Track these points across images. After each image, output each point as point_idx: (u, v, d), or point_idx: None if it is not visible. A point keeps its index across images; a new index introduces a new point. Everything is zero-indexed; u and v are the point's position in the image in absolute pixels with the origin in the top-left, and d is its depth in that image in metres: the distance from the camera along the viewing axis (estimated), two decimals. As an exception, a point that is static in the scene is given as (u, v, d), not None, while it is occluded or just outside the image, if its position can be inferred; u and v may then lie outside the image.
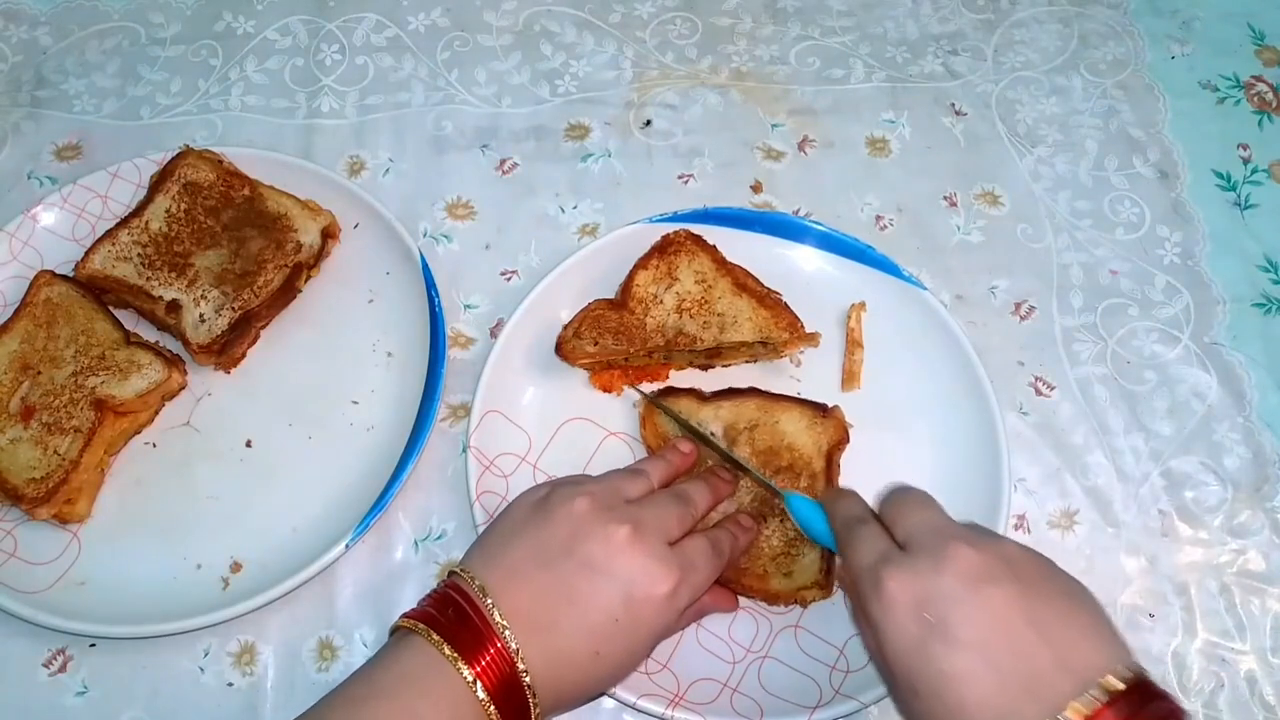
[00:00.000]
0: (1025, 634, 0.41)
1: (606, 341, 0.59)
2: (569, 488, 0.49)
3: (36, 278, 0.62)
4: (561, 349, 0.60)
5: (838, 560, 0.52)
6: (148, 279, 0.62)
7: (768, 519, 0.56)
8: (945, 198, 0.71)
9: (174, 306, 0.61)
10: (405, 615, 0.46)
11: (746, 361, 0.63)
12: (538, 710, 0.45)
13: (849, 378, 0.62)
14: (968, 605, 0.41)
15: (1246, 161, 0.74)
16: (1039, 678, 0.40)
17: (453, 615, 0.45)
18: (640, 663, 0.49)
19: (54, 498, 0.56)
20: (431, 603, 0.47)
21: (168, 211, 0.64)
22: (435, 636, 0.44)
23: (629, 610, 0.46)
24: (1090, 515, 0.60)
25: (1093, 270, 0.68)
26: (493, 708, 0.43)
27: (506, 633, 0.44)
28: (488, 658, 0.44)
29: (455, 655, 0.43)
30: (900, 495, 0.49)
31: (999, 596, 0.42)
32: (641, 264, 0.63)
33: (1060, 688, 0.39)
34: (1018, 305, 0.67)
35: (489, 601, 0.45)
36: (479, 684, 0.43)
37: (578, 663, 0.46)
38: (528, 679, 0.44)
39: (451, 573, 0.48)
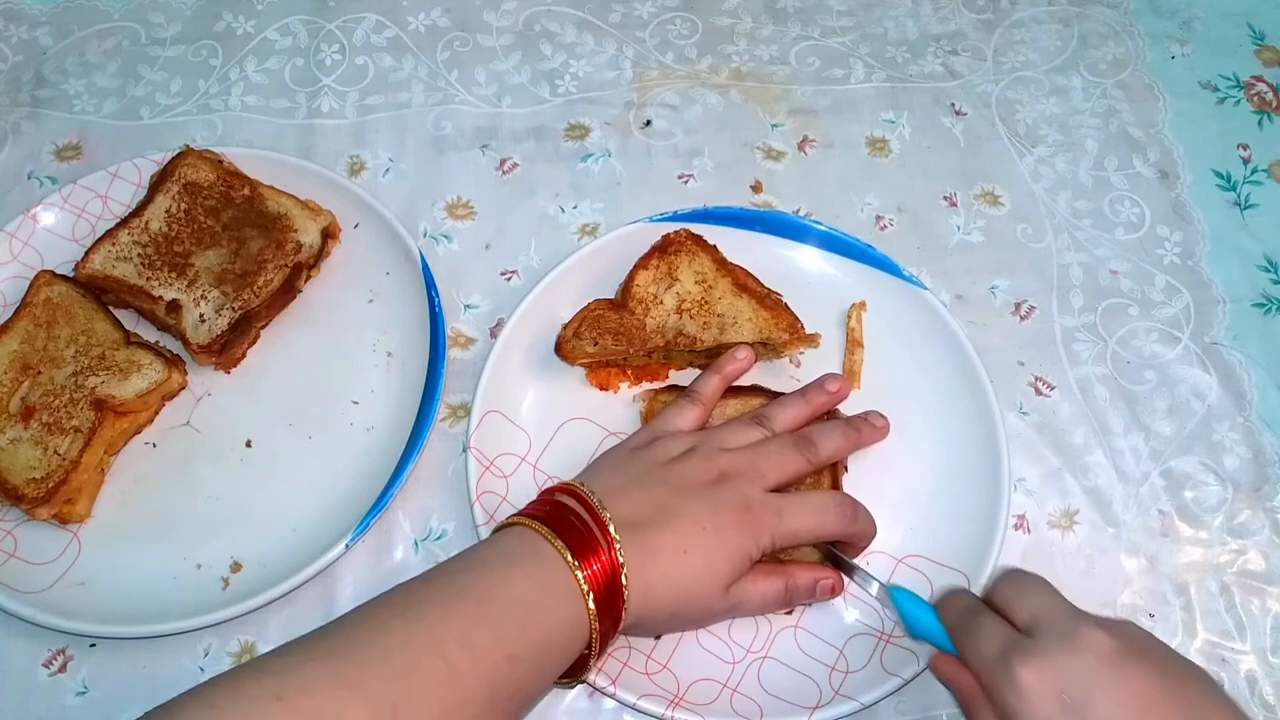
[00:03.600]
0: (1170, 714, 0.41)
1: (606, 341, 0.59)
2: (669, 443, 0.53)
3: (36, 278, 0.62)
4: (561, 349, 0.60)
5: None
6: (148, 279, 0.62)
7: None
8: (945, 198, 0.71)
9: (174, 306, 0.61)
10: (518, 514, 0.48)
11: (746, 361, 0.63)
12: (625, 621, 0.46)
13: (849, 377, 0.62)
14: (1112, 686, 0.41)
15: (1246, 161, 0.74)
16: None
17: (568, 519, 0.47)
18: (717, 597, 0.49)
19: (54, 498, 0.56)
20: (538, 506, 0.48)
21: (168, 211, 0.64)
22: (559, 542, 0.45)
23: (715, 517, 0.49)
24: (1090, 515, 0.60)
25: (1093, 270, 0.68)
26: (592, 604, 0.45)
27: (617, 543, 0.46)
28: (599, 564, 0.45)
29: (576, 563, 0.45)
30: (1016, 579, 0.48)
31: (1139, 676, 0.41)
32: (641, 264, 0.63)
33: None
34: (1018, 305, 0.67)
35: (605, 511, 0.47)
36: (590, 592, 0.45)
37: (665, 564, 0.47)
38: (626, 587, 0.46)
39: (561, 485, 0.50)
